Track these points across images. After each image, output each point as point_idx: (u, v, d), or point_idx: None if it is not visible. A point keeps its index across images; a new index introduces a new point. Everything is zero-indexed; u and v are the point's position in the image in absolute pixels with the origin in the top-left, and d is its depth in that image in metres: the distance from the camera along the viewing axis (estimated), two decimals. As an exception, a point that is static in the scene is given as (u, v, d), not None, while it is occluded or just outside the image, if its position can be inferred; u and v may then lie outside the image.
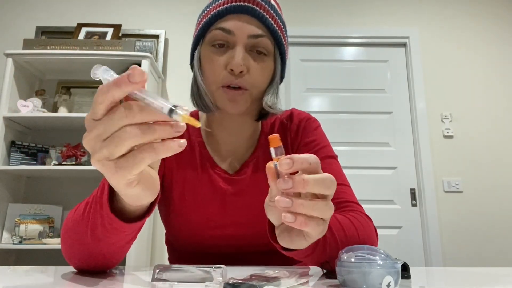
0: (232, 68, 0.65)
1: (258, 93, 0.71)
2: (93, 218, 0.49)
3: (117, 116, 0.33)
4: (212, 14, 0.68)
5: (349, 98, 2.65)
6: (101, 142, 0.34)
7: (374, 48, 2.75)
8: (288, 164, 0.38)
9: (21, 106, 2.10)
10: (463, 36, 2.73)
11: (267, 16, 0.68)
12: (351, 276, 0.42)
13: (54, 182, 2.31)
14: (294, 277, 0.46)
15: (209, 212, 0.74)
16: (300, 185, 0.38)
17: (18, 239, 2.00)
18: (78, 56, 2.15)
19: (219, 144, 0.78)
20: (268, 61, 0.70)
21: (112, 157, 0.34)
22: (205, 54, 0.70)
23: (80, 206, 0.54)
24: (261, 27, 0.68)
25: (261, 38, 0.67)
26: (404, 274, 0.50)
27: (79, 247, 0.53)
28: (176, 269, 0.45)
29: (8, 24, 2.58)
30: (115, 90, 0.33)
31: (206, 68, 0.69)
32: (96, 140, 0.34)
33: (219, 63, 0.67)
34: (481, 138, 2.56)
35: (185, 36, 2.62)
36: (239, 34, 0.66)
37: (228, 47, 0.68)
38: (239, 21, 0.67)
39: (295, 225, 0.38)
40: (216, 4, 0.69)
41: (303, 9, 2.73)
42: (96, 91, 0.34)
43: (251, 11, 0.67)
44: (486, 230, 2.43)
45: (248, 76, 0.67)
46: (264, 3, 0.69)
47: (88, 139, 0.35)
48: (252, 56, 0.68)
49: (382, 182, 2.52)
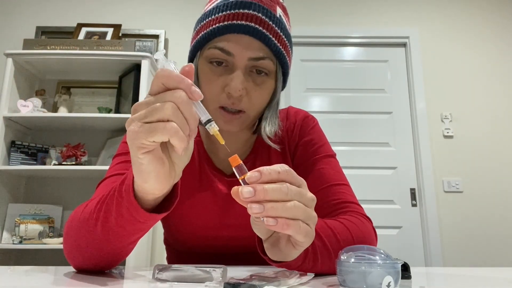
0: (230, 92, 0.62)
1: (256, 114, 0.68)
2: (107, 209, 0.49)
3: (169, 94, 0.38)
4: (210, 29, 0.63)
5: (349, 98, 2.65)
6: (144, 112, 0.39)
7: (374, 48, 2.75)
8: (256, 177, 0.39)
9: (21, 106, 2.10)
10: (463, 36, 2.73)
11: (271, 35, 0.63)
12: (351, 276, 0.42)
13: (54, 182, 2.31)
14: (294, 277, 0.46)
15: (207, 213, 0.74)
16: (261, 194, 0.38)
17: (18, 239, 2.00)
18: (78, 56, 2.15)
19: (216, 146, 0.78)
20: (268, 81, 0.66)
21: (143, 119, 0.39)
22: (202, 70, 0.66)
23: (90, 205, 0.54)
24: (263, 49, 0.63)
25: (262, 60, 0.63)
26: (404, 274, 0.50)
27: (86, 242, 0.52)
28: (176, 269, 0.45)
29: (8, 24, 2.58)
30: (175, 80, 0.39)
31: (204, 86, 0.65)
32: (143, 105, 0.39)
33: (217, 84, 0.64)
34: (481, 138, 2.56)
35: (185, 36, 2.62)
36: (239, 56, 0.62)
37: (227, 66, 0.64)
38: (240, 43, 0.62)
39: (277, 228, 0.39)
40: (216, 18, 0.63)
41: (303, 9, 2.73)
42: (159, 73, 0.39)
43: (254, 32, 0.61)
44: (486, 230, 2.43)
45: (246, 99, 0.64)
46: (268, 19, 0.63)
47: (138, 104, 0.40)
48: (252, 77, 0.64)
49: (382, 182, 2.52)
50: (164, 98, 0.38)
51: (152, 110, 0.38)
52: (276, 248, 0.46)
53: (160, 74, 0.39)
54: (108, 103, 2.40)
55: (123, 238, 0.51)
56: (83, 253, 0.54)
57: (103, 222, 0.49)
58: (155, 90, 0.39)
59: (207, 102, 0.65)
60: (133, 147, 0.40)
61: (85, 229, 0.52)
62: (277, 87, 0.69)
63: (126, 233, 0.50)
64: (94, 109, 2.33)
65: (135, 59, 2.18)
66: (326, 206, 0.69)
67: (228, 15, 0.62)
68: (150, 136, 0.38)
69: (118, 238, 0.51)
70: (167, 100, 0.38)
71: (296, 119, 0.80)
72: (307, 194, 0.42)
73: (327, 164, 0.74)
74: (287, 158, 0.78)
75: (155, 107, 0.38)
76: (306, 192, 0.42)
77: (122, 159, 0.70)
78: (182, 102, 0.38)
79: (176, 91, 0.38)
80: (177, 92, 0.38)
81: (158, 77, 0.39)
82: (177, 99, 0.38)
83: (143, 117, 0.39)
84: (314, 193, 0.75)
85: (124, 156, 0.70)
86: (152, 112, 0.38)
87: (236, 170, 0.41)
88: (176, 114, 0.38)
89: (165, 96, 0.38)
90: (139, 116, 0.39)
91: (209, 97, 0.65)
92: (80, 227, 0.53)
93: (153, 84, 0.39)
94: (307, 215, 0.41)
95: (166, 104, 0.38)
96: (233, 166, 0.41)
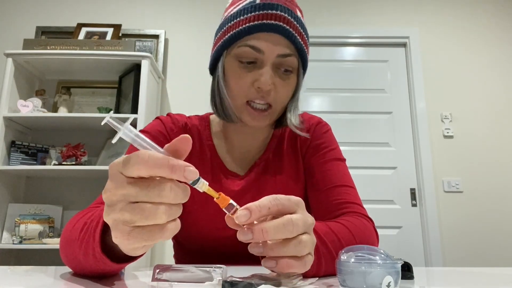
0: (260, 86, 0.66)
1: (281, 109, 0.72)
2: (86, 245, 0.46)
3: (157, 192, 0.32)
4: (241, 28, 0.66)
5: (349, 98, 2.65)
6: (125, 204, 0.33)
7: (374, 48, 2.75)
8: (245, 216, 0.37)
9: (21, 106, 2.10)
10: (463, 36, 2.73)
11: (296, 34, 0.68)
12: (351, 276, 0.42)
13: (54, 182, 2.31)
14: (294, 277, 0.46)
15: (218, 213, 0.74)
16: (259, 235, 0.37)
17: (18, 239, 2.00)
18: (78, 56, 2.15)
19: (233, 146, 0.79)
20: (292, 78, 0.70)
21: (131, 223, 0.33)
22: (231, 68, 0.69)
23: (79, 222, 0.51)
24: (290, 46, 0.68)
25: (289, 57, 0.67)
26: (407, 274, 0.50)
27: (74, 261, 0.51)
28: (176, 269, 0.45)
29: (8, 24, 2.58)
30: (161, 172, 0.32)
31: (232, 82, 0.68)
32: (122, 199, 0.33)
33: (247, 80, 0.67)
34: (481, 138, 2.56)
35: (185, 36, 2.62)
36: (268, 53, 0.66)
37: (256, 63, 0.67)
38: (270, 40, 0.66)
39: (278, 269, 0.38)
40: (246, 18, 0.66)
41: (303, 9, 2.72)
42: (135, 154, 0.32)
43: (282, 31, 0.66)
44: (486, 230, 2.43)
45: (274, 93, 0.68)
46: (293, 19, 0.68)
47: (111, 194, 0.33)
48: (278, 73, 0.68)
49: (382, 182, 2.52)
50: (150, 195, 0.32)
51: (141, 215, 0.32)
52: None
53: (136, 159, 0.32)
54: (108, 103, 2.40)
55: (105, 270, 0.48)
56: (74, 266, 0.53)
57: (85, 255, 0.47)
58: (134, 174, 0.33)
59: (234, 97, 0.69)
60: (121, 246, 0.36)
61: (72, 252, 0.50)
62: (299, 83, 0.73)
63: (106, 269, 0.47)
64: (94, 109, 2.33)
65: (135, 59, 2.18)
66: (329, 206, 0.71)
67: (257, 15, 0.66)
68: (147, 241, 0.34)
69: (101, 270, 0.48)
70: (156, 200, 0.33)
71: (310, 124, 0.83)
72: (308, 219, 0.41)
73: (335, 166, 0.77)
74: (298, 160, 0.80)
75: (146, 210, 0.32)
76: (307, 217, 0.41)
77: None
78: (176, 200, 0.34)
79: (166, 188, 0.33)
80: (167, 190, 0.33)
81: (141, 163, 0.32)
82: (170, 199, 0.33)
83: (131, 221, 0.33)
84: (318, 193, 0.75)
85: None
86: (144, 217, 0.32)
87: (227, 209, 0.39)
88: (170, 214, 0.34)
89: (152, 193, 0.32)
90: (125, 218, 0.33)
91: (238, 92, 0.68)
92: (69, 248, 0.52)
93: (132, 168, 0.32)
94: (306, 249, 0.39)
95: (159, 208, 0.33)
96: (223, 208, 0.39)
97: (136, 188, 0.32)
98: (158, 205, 0.33)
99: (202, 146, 0.78)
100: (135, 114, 2.08)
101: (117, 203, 0.33)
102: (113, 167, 0.34)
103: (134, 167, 0.32)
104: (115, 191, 0.33)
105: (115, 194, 0.33)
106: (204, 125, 0.81)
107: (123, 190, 0.33)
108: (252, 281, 0.39)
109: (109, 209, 0.34)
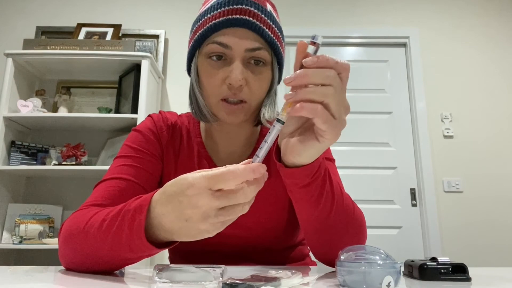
0: (231, 83, 0.65)
1: (257, 104, 0.71)
2: (116, 236, 0.50)
3: (243, 197, 0.42)
4: (207, 26, 0.66)
5: (349, 98, 2.56)
6: (217, 211, 0.42)
7: (374, 48, 2.75)
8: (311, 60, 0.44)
9: (21, 106, 2.10)
10: (463, 36, 2.73)
11: (264, 27, 0.67)
12: (351, 276, 0.42)
13: (54, 182, 2.31)
14: (294, 277, 0.46)
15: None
16: (300, 76, 0.43)
17: (18, 239, 2.00)
18: (78, 56, 2.15)
19: (217, 145, 0.78)
20: (266, 71, 0.69)
21: (227, 223, 0.44)
22: (202, 66, 0.69)
23: (95, 219, 0.54)
24: (258, 39, 0.66)
25: (258, 51, 0.66)
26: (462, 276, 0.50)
27: (84, 254, 0.54)
28: (176, 269, 0.45)
29: (8, 24, 2.58)
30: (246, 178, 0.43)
31: (204, 81, 0.68)
32: (214, 209, 0.42)
33: (217, 77, 0.66)
34: (481, 138, 2.56)
35: (185, 36, 2.61)
36: (236, 48, 0.65)
37: (226, 59, 0.67)
38: (236, 35, 0.65)
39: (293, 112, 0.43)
40: (212, 16, 0.67)
41: (303, 9, 2.73)
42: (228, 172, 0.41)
43: (248, 24, 0.65)
44: (486, 230, 2.42)
45: (246, 88, 0.67)
46: (260, 12, 0.67)
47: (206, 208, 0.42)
48: (250, 68, 0.67)
49: (382, 182, 2.52)
50: (240, 201, 0.42)
51: (236, 214, 0.43)
52: (299, 142, 0.48)
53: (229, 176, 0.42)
54: (108, 103, 2.40)
55: (129, 260, 0.53)
56: (82, 262, 0.55)
57: (112, 246, 0.50)
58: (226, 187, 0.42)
59: (208, 96, 0.68)
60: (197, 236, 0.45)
61: (88, 246, 0.53)
62: (274, 77, 0.72)
63: (133, 257, 0.52)
64: (94, 109, 2.33)
65: (135, 59, 2.18)
66: None
67: (223, 11, 0.66)
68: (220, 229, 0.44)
69: (123, 261, 0.53)
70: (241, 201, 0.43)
71: None
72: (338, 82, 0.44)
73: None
74: None
75: (237, 211, 0.43)
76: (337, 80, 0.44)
77: (123, 162, 0.70)
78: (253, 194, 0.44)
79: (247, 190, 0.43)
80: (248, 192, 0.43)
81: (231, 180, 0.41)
82: (249, 197, 0.43)
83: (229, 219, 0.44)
84: None
85: (124, 159, 0.71)
86: (236, 215, 0.43)
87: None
88: (250, 203, 0.44)
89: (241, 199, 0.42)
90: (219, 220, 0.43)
91: (211, 90, 0.68)
92: (82, 241, 0.54)
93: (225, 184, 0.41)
94: (331, 97, 0.43)
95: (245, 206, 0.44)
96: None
97: (226, 198, 0.42)
98: (243, 204, 0.43)
99: (190, 143, 0.78)
100: (135, 114, 2.07)
101: (209, 213, 0.42)
102: (200, 186, 0.42)
103: (226, 184, 0.41)
104: (210, 205, 0.41)
105: (210, 207, 0.42)
106: (193, 122, 0.81)
107: (216, 202, 0.41)
108: (252, 283, 0.39)
109: (204, 220, 0.42)
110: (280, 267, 0.62)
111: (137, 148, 0.73)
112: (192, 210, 0.42)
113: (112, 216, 0.51)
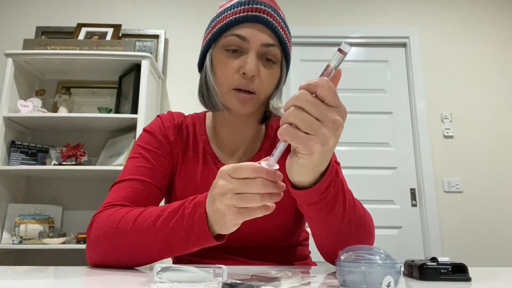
0: (245, 72, 0.70)
1: (265, 98, 0.75)
2: (174, 230, 0.56)
3: (255, 187, 0.48)
4: (228, 20, 0.72)
5: (349, 98, 2.65)
6: (232, 195, 0.48)
7: (374, 48, 2.75)
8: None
9: (21, 106, 2.10)
10: (463, 36, 2.73)
11: (279, 27, 0.73)
12: (351, 276, 0.42)
13: (54, 182, 2.31)
14: (295, 277, 0.46)
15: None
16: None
17: (18, 239, 2.00)
18: (78, 56, 2.15)
19: (223, 142, 0.82)
20: (275, 68, 0.74)
21: (237, 206, 0.48)
22: (218, 57, 0.74)
23: (143, 217, 0.59)
24: (272, 36, 0.72)
25: (272, 47, 0.72)
26: (462, 276, 0.50)
27: (125, 251, 0.59)
28: (176, 269, 0.45)
29: (8, 24, 2.58)
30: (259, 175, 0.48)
31: (219, 70, 0.73)
32: (230, 191, 0.48)
33: (232, 67, 0.71)
34: (481, 138, 2.56)
35: (185, 36, 2.62)
36: (253, 41, 0.71)
37: (241, 52, 0.72)
38: (254, 30, 0.71)
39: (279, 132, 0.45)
40: (232, 12, 0.73)
41: (303, 9, 2.73)
42: (246, 165, 0.49)
43: (265, 21, 0.71)
44: (486, 230, 2.42)
45: (258, 81, 0.72)
46: (276, 14, 0.73)
47: (223, 188, 0.49)
48: (262, 63, 0.73)
49: (382, 182, 2.52)
50: (251, 189, 0.48)
51: (245, 201, 0.48)
52: (288, 163, 0.51)
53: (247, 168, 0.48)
54: (108, 103, 2.40)
55: (178, 253, 0.59)
56: (119, 255, 0.60)
57: (167, 241, 0.57)
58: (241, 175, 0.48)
59: (221, 85, 0.73)
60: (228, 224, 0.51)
61: (136, 240, 0.58)
62: (282, 75, 0.77)
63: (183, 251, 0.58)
64: (94, 109, 2.33)
65: (135, 59, 2.18)
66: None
67: (243, 9, 0.72)
68: (248, 217, 0.50)
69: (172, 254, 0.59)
70: (254, 191, 0.48)
71: None
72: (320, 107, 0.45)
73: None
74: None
75: (248, 198, 0.48)
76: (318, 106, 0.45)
77: (138, 163, 0.74)
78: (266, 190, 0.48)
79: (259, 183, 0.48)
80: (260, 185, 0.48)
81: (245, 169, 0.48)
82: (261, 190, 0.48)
83: (237, 204, 0.48)
84: None
85: (139, 160, 0.75)
86: (246, 202, 0.48)
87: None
88: (263, 200, 0.49)
89: (251, 187, 0.48)
90: (232, 203, 0.48)
91: (224, 79, 0.73)
92: (127, 237, 0.59)
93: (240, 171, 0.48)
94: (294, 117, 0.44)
95: (255, 196, 0.48)
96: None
97: (241, 184, 0.48)
98: (255, 194, 0.47)
99: (196, 140, 0.82)
100: (135, 114, 2.07)
101: (227, 193, 0.48)
102: (223, 172, 0.50)
103: (243, 170, 0.48)
104: (226, 186, 0.49)
105: (226, 188, 0.49)
106: (200, 121, 0.85)
107: (232, 186, 0.48)
108: (252, 283, 0.39)
109: (221, 197, 0.49)
110: (280, 267, 0.62)
111: (149, 149, 0.77)
112: (215, 190, 0.50)
113: (170, 212, 0.57)
